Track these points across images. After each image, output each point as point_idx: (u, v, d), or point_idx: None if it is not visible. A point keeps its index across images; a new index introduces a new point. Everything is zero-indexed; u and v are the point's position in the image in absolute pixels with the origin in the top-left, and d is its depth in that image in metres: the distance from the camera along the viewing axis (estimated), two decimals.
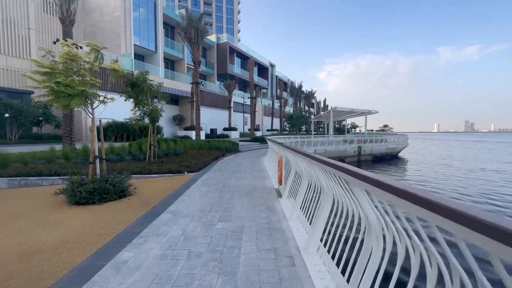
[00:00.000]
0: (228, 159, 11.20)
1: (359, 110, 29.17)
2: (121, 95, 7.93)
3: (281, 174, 4.84)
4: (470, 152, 34.29)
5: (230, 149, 14.21)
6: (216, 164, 9.50)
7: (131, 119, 8.24)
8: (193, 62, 15.37)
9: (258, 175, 7.39)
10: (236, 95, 39.04)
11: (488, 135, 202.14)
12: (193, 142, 12.95)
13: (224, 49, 37.53)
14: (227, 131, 30.92)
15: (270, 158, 9.60)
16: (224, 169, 8.46)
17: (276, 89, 55.97)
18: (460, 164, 21.52)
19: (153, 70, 25.63)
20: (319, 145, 20.69)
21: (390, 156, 26.66)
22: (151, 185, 5.80)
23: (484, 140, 74.82)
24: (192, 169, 7.77)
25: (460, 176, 14.85)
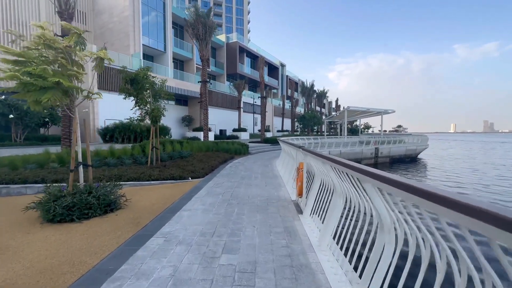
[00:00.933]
0: (237, 162, 10.36)
1: (375, 110, 27.73)
2: (120, 93, 7.23)
3: (301, 185, 3.92)
4: (496, 154, 31.89)
5: (240, 151, 13.37)
6: (224, 169, 8.67)
7: (131, 119, 7.52)
8: (201, 59, 14.68)
9: (271, 182, 6.48)
10: (246, 96, 38.29)
11: (509, 136, 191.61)
12: (200, 144, 12.20)
13: (234, 49, 36.89)
14: (236, 132, 30.18)
15: (283, 161, 8.68)
16: (232, 174, 7.61)
17: (286, 89, 54.85)
18: (494, 170, 19.73)
19: (162, 70, 25.26)
20: (334, 146, 19.53)
21: (409, 158, 25.07)
22: (147, 195, 5.01)
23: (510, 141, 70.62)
24: (197, 175, 6.96)
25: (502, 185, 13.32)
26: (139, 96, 7.16)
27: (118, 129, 16.67)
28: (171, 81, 24.74)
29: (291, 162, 6.95)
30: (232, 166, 9.42)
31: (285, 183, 6.31)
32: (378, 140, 22.51)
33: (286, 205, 4.36)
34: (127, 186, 5.73)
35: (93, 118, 18.27)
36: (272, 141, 20.35)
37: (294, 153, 5.50)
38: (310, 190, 3.75)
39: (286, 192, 5.37)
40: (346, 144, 20.51)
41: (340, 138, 22.69)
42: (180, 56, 29.92)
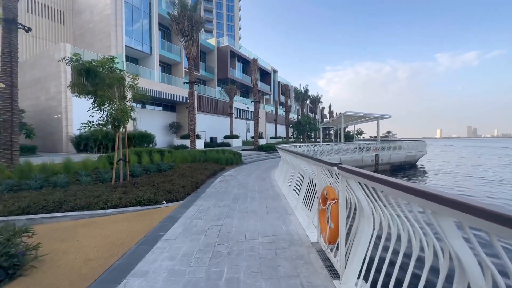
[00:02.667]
0: (229, 175, 8.68)
1: (372, 115, 26.76)
2: (69, 87, 5.49)
3: (336, 228, 2.32)
4: (492, 159, 31.44)
5: (232, 161, 11.70)
6: (213, 185, 6.97)
7: (88, 124, 5.76)
8: (187, 58, 13.09)
9: (274, 205, 4.84)
10: (238, 101, 36.83)
11: (493, 140, 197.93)
12: (185, 153, 10.47)
13: (225, 53, 35.57)
14: (228, 139, 28.50)
15: (285, 174, 7.10)
16: (222, 193, 5.93)
17: (279, 94, 53.82)
18: (494, 173, 18.79)
19: (147, 74, 23.50)
20: (333, 153, 18.17)
21: (409, 165, 24.03)
22: (89, 237, 3.28)
23: (498, 146, 71.85)
24: (175, 196, 5.25)
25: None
26: (98, 93, 5.44)
27: (94, 137, 14.70)
28: (158, 85, 23.00)
29: (296, 176, 5.38)
30: (222, 180, 7.74)
31: (292, 207, 4.69)
32: (378, 147, 21.35)
33: (306, 255, 2.73)
34: (68, 219, 3.97)
35: (66, 125, 16.24)
36: (266, 148, 18.81)
37: (311, 169, 3.90)
38: (353, 236, 2.16)
39: (298, 224, 3.75)
40: (346, 151, 19.20)
41: (338, 144, 21.37)
42: (167, 59, 28.27)
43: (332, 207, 2.42)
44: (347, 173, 2.08)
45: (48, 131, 17.19)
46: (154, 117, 25.20)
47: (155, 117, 25.30)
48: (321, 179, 3.09)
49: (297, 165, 5.36)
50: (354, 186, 2.10)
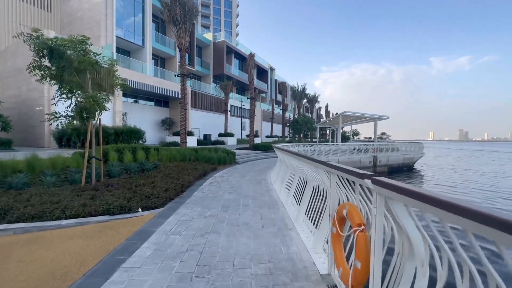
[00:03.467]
0: (220, 177, 7.88)
1: (370, 115, 26.26)
2: (28, 69, 4.59)
3: (365, 268, 1.56)
4: (486, 162, 31.30)
5: (224, 160, 10.90)
6: (201, 188, 6.16)
7: (53, 116, 4.88)
8: (179, 49, 12.18)
9: (271, 217, 4.07)
10: (233, 98, 35.95)
11: (485, 144, 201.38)
12: (174, 151, 9.61)
13: (221, 49, 34.61)
14: (223, 137, 27.63)
15: (281, 176, 6.38)
16: (210, 199, 5.13)
17: (275, 93, 53.08)
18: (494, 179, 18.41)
19: (139, 67, 22.44)
20: (331, 154, 17.53)
21: (407, 167, 23.58)
22: (24, 261, 2.45)
23: (494, 150, 72.57)
24: (154, 202, 4.43)
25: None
26: (64, 78, 4.56)
27: (77, 132, 13.68)
28: (150, 79, 21.98)
29: (296, 180, 4.64)
30: (212, 183, 6.93)
31: (292, 218, 3.93)
32: (377, 148, 20.81)
33: None
34: (10, 233, 3.12)
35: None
36: (262, 147, 18.04)
37: (314, 174, 3.14)
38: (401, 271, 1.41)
39: (301, 243, 2.99)
40: (344, 151, 18.58)
41: (336, 145, 20.75)
42: (161, 52, 27.20)
43: (359, 237, 1.66)
44: (392, 191, 1.32)
45: (30, 124, 16.09)
46: (145, 112, 24.17)
47: (146, 113, 24.27)
48: (335, 190, 2.33)
49: (297, 168, 4.61)
50: (400, 211, 1.35)
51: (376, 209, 1.50)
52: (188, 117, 25.90)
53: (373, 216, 1.54)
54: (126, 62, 21.90)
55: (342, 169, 1.91)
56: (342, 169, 1.91)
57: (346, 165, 2.11)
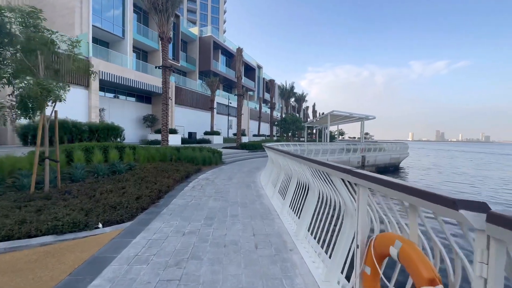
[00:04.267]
0: (205, 180, 7.06)
1: (357, 115, 26.28)
2: None
3: None
4: (463, 162, 32.48)
5: (210, 161, 10.06)
6: (182, 193, 5.33)
7: None
8: (160, 38, 11.13)
9: (265, 231, 3.35)
10: (220, 96, 34.92)
11: (460, 144, 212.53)
12: (153, 151, 8.65)
13: (208, 44, 33.44)
14: (208, 136, 26.62)
15: (273, 178, 5.74)
16: (192, 208, 4.33)
17: (263, 91, 52.45)
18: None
19: (118, 59, 20.96)
20: (321, 154, 17.15)
21: (393, 167, 23.77)
22: None
23: (470, 151, 76.10)
24: (121, 214, 3.58)
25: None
26: (9, 58, 3.58)
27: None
28: (130, 73, 20.58)
29: (293, 184, 3.98)
30: (195, 186, 6.11)
31: (291, 234, 3.24)
32: (365, 148, 20.73)
33: None
34: None
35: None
36: (250, 146, 17.31)
37: (324, 186, 2.42)
38: None
39: (308, 275, 2.29)
40: (333, 151, 18.26)
41: (324, 144, 20.42)
42: (143, 45, 25.68)
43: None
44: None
45: None
46: (126, 108, 22.69)
47: (127, 109, 22.81)
48: (365, 212, 1.64)
49: (294, 171, 3.94)
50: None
51: (493, 260, 0.81)
52: (172, 114, 24.67)
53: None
54: (104, 53, 20.37)
55: (399, 186, 1.20)
56: (399, 186, 1.20)
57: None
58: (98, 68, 17.90)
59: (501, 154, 53.71)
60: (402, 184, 1.21)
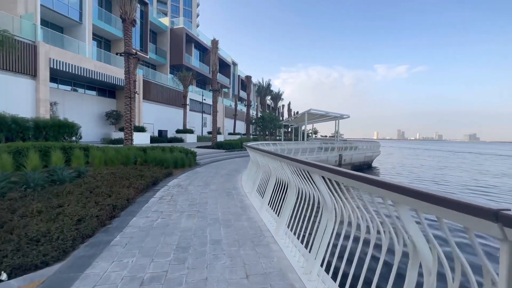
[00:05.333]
0: (176, 187, 5.90)
1: (333, 114, 26.50)
2: None
3: None
4: (425, 159, 34.81)
5: (183, 163, 8.84)
6: (144, 209, 4.16)
7: None
8: (122, 20, 9.53)
9: (261, 269, 2.40)
10: (194, 92, 33.10)
11: (418, 143, 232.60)
12: (112, 152, 7.19)
13: (180, 36, 31.37)
14: (181, 134, 24.87)
15: (258, 183, 4.88)
16: (156, 234, 3.20)
17: (238, 89, 51.28)
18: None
19: (75, 46, 18.39)
20: (300, 153, 16.67)
21: (367, 165, 24.35)
22: None
23: (432, 149, 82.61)
24: (45, 253, 2.38)
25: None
26: None
27: None
28: (89, 63, 18.17)
29: (291, 200, 3.11)
30: (164, 197, 4.95)
31: (298, 271, 2.34)
32: (342, 147, 20.81)
33: None
34: None
35: None
36: (226, 146, 16.20)
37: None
38: None
39: None
40: (312, 150, 17.93)
41: (302, 143, 20.06)
42: (106, 33, 23.06)
43: None
44: None
45: None
46: (85, 103, 20.12)
47: (86, 103, 20.24)
48: None
49: (292, 178, 3.06)
50: None
51: None
52: (139, 110, 22.55)
53: None
54: (57, 39, 17.71)
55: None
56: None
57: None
58: (49, 56, 15.41)
59: (455, 152, 59.04)
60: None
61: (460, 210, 0.83)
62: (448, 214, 0.90)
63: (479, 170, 23.93)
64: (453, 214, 0.87)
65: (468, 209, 0.80)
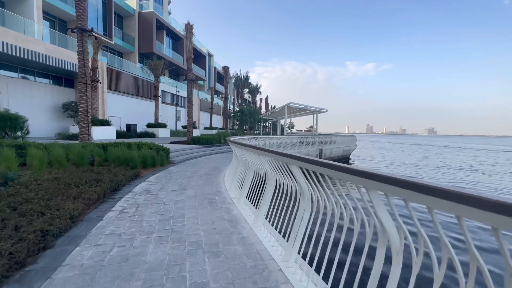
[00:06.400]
0: (143, 194, 4.71)
1: (312, 108, 26.27)
2: None
3: None
4: (387, 151, 36.50)
5: (153, 161, 7.55)
6: (93, 233, 2.96)
7: None
8: None
9: None
10: (166, 83, 30.84)
11: (385, 136, 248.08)
12: (58, 150, 5.70)
13: (150, 22, 28.76)
14: (152, 129, 22.87)
15: (245, 186, 3.96)
16: (106, 279, 2.14)
17: (214, 81, 49.27)
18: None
19: (19, 24, 15.59)
20: (282, 147, 15.98)
21: (345, 159, 24.56)
22: None
23: (399, 142, 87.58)
24: None
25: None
26: None
27: None
28: (39, 45, 15.57)
29: (303, 213, 2.26)
30: (126, 210, 3.78)
31: None
32: (322, 141, 20.59)
33: None
34: None
35: None
36: (203, 141, 14.92)
37: None
38: None
39: None
40: (293, 145, 17.37)
41: (283, 138, 19.44)
42: (61, 12, 20.08)
43: None
44: None
45: None
46: (36, 92, 17.35)
47: (38, 93, 17.47)
48: None
49: (306, 187, 2.21)
50: None
51: None
52: (104, 101, 20.19)
53: None
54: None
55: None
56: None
57: None
58: None
59: (421, 146, 63.24)
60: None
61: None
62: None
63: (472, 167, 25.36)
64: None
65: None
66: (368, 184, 1.26)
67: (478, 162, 25.82)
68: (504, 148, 55.77)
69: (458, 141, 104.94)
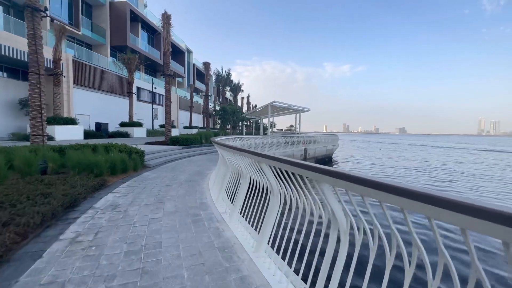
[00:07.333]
0: (107, 210, 3.72)
1: (295, 107, 25.95)
2: None
3: None
4: (366, 150, 37.62)
5: (124, 166, 6.46)
6: (19, 285, 2.04)
7: None
8: None
9: None
10: (142, 80, 28.87)
11: (360, 135, 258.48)
12: None
13: (123, 12, 26.66)
14: (126, 128, 21.12)
15: (238, 199, 3.16)
16: None
17: (194, 79, 47.45)
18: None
19: None
20: (267, 148, 15.33)
21: (328, 158, 24.54)
22: None
23: (374, 141, 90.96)
24: None
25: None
26: None
27: None
28: None
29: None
30: (80, 239, 2.81)
31: None
32: (306, 140, 20.26)
33: None
34: None
35: None
36: (183, 142, 13.77)
37: None
38: None
39: None
40: (279, 144, 16.77)
41: (267, 137, 18.79)
42: None
43: None
44: None
45: None
46: None
47: None
48: None
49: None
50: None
51: None
52: (70, 97, 18.16)
53: None
54: None
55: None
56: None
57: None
58: None
59: (396, 144, 66.20)
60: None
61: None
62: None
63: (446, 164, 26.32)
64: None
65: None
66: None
67: (452, 161, 27.11)
68: (468, 146, 60.09)
69: (428, 140, 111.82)
